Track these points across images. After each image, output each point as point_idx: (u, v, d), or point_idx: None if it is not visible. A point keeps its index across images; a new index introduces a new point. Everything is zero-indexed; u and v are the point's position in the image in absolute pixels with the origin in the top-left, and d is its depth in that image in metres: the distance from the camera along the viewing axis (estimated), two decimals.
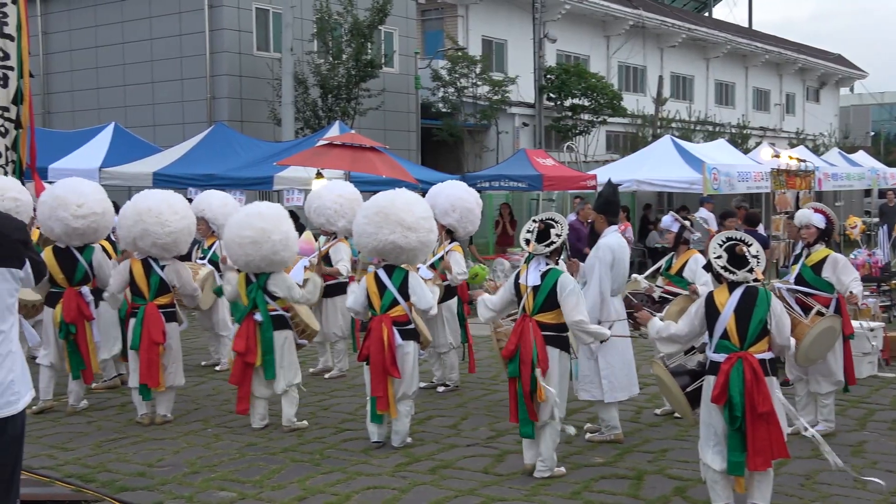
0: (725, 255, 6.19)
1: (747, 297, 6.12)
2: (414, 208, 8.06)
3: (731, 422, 6.00)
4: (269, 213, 8.67)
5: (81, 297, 9.23)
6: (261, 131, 23.23)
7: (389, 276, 7.97)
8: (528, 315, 7.11)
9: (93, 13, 26.61)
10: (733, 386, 5.98)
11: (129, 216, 8.87)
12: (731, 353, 6.07)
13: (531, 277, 7.15)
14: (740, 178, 19.92)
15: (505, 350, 7.16)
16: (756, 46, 46.51)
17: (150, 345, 8.74)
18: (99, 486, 7.02)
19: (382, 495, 6.73)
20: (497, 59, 33.41)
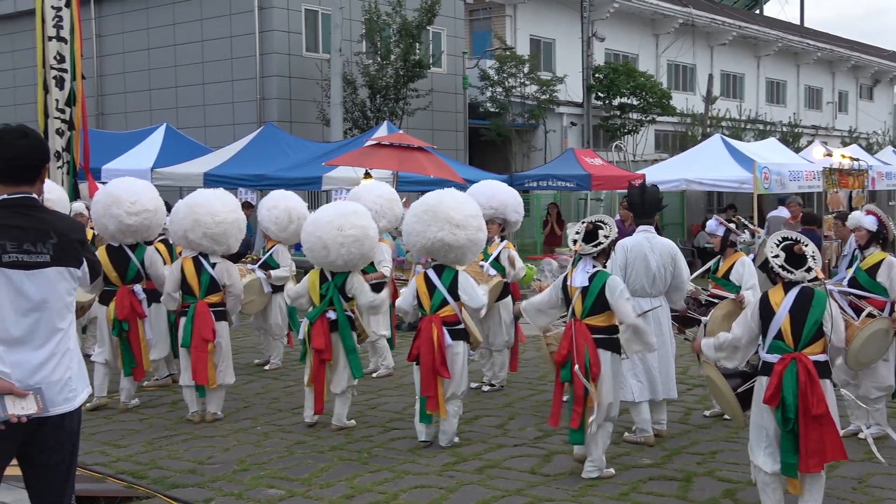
0: (783, 254, 6.12)
1: (803, 298, 6.04)
2: (462, 206, 8.07)
3: (784, 423, 5.92)
4: (363, 213, 8.79)
5: (134, 295, 9.38)
6: (310, 132, 23.39)
7: (439, 275, 7.98)
8: (577, 318, 7.07)
9: (145, 16, 26.97)
10: (786, 387, 5.91)
11: (181, 210, 9.05)
12: (785, 354, 5.99)
13: (579, 279, 7.11)
14: (791, 177, 19.65)
15: (557, 355, 7.11)
16: (808, 44, 45.92)
17: (201, 342, 8.85)
18: (150, 483, 7.12)
19: (429, 494, 6.75)
20: (545, 59, 33.33)
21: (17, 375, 4.14)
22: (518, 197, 10.50)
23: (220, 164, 18.07)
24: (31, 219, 4.28)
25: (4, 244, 4.16)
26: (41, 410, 4.16)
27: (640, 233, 8.13)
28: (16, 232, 4.21)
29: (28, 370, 4.18)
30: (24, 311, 4.18)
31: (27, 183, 4.33)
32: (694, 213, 25.03)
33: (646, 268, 7.96)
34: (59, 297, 4.31)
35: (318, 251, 8.48)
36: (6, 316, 4.15)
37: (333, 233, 8.40)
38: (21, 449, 4.26)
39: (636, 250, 7.99)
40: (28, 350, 4.19)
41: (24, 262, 4.19)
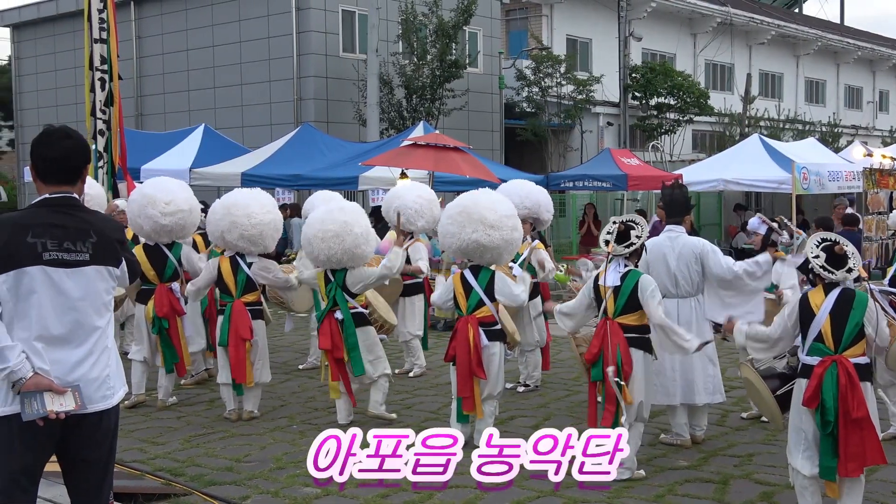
0: (823, 254, 6.03)
1: (844, 299, 5.95)
2: (497, 207, 8.06)
3: (823, 426, 5.85)
4: (349, 208, 8.90)
5: (172, 292, 9.47)
6: (346, 132, 23.48)
7: (476, 276, 7.97)
8: (609, 317, 7.06)
9: (184, 17, 27.21)
10: (826, 390, 5.83)
11: (218, 211, 9.11)
12: (826, 357, 5.89)
13: (611, 278, 7.09)
14: (831, 177, 19.43)
15: (588, 354, 7.10)
16: (848, 43, 45.44)
17: (238, 341, 8.92)
18: (188, 480, 7.17)
19: (464, 494, 6.75)
20: (581, 58, 33.24)
21: (56, 373, 4.20)
22: (549, 196, 10.47)
23: (258, 164, 18.19)
24: (72, 218, 4.35)
25: (45, 242, 4.23)
26: (79, 407, 4.22)
27: (665, 233, 8.06)
28: (57, 231, 4.27)
29: (67, 367, 4.24)
30: (63, 309, 4.24)
31: (69, 183, 4.40)
32: (731, 213, 24.83)
33: (666, 268, 7.87)
34: (97, 295, 4.37)
35: (306, 247, 8.76)
36: (46, 314, 4.21)
37: (315, 227, 8.59)
38: (60, 445, 4.32)
39: (655, 251, 7.92)
40: (67, 348, 4.25)
41: (64, 260, 4.25)
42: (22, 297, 4.18)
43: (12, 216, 4.35)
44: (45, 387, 4.14)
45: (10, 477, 4.21)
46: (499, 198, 8.26)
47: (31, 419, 4.11)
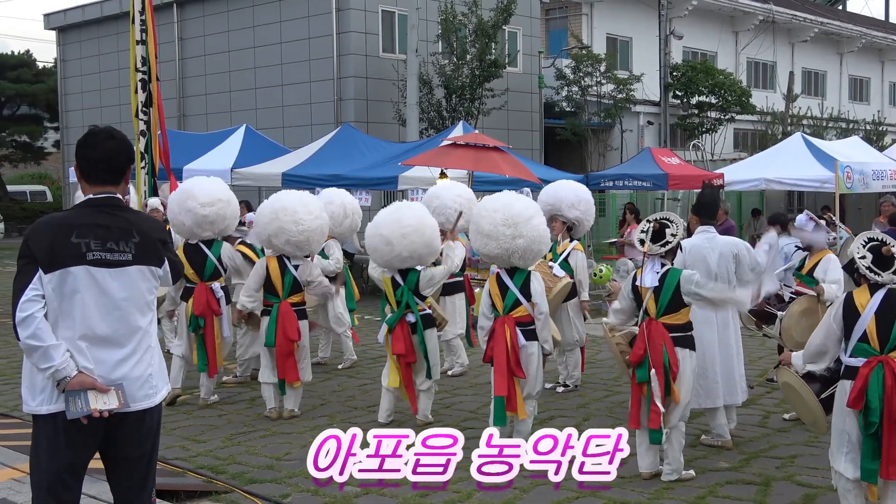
0: (870, 255, 5.93)
1: (891, 300, 5.86)
2: (506, 212, 7.91)
3: (867, 427, 5.78)
4: (415, 205, 8.94)
5: (212, 292, 9.55)
6: (386, 132, 23.55)
7: (511, 277, 7.93)
8: (652, 318, 7.04)
9: (226, 19, 27.44)
10: (872, 390, 5.75)
11: (266, 214, 9.16)
12: (871, 357, 5.82)
13: (648, 279, 7.08)
14: (875, 176, 19.19)
15: (633, 355, 7.06)
16: (893, 40, 44.88)
17: (287, 342, 8.99)
18: (229, 478, 7.23)
19: (503, 495, 6.75)
20: (622, 57, 33.08)
21: (100, 371, 4.26)
22: (579, 193, 10.23)
23: (298, 164, 18.28)
24: (115, 218, 4.40)
25: (89, 242, 4.28)
26: (122, 406, 4.27)
27: (701, 234, 8.07)
28: (100, 231, 4.33)
29: (110, 366, 4.29)
30: (107, 308, 4.30)
31: (112, 183, 4.46)
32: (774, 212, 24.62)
33: (707, 269, 7.81)
34: (140, 295, 4.42)
35: (383, 248, 8.57)
36: (90, 313, 4.26)
37: (393, 226, 8.52)
38: (103, 443, 4.38)
39: (695, 252, 7.90)
40: (110, 347, 4.31)
41: (107, 260, 4.31)
42: (66, 296, 4.24)
43: (57, 216, 4.42)
44: (89, 385, 4.19)
45: (55, 474, 4.28)
46: (502, 202, 8.08)
47: (75, 417, 4.17)
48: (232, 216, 9.80)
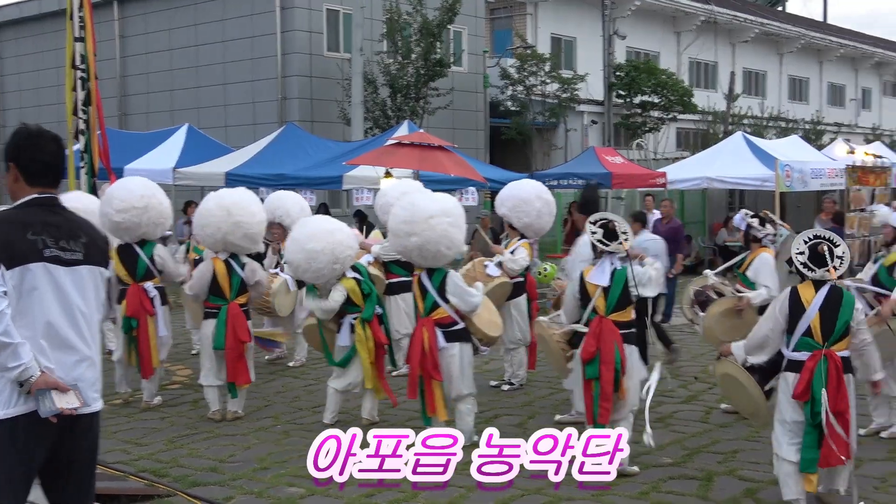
0: (807, 252, 6.21)
1: (833, 297, 6.14)
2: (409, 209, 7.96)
3: (813, 418, 6.02)
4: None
5: (144, 292, 9.42)
6: (331, 131, 23.43)
7: (430, 277, 7.89)
8: (602, 315, 7.15)
9: (167, 16, 27.11)
10: (816, 383, 6.01)
11: (217, 213, 8.99)
12: (815, 351, 6.08)
13: (601, 277, 7.19)
14: (814, 175, 19.51)
15: (584, 352, 7.13)
16: (831, 41, 45.63)
17: (237, 344, 8.91)
18: (171, 481, 7.15)
19: (449, 493, 6.75)
20: (566, 57, 33.26)
21: (59, 372, 4.20)
22: (514, 190, 10.17)
23: (242, 163, 18.13)
24: (63, 218, 4.38)
25: (45, 239, 4.23)
26: (82, 405, 4.23)
27: None
28: (52, 229, 4.28)
29: (67, 367, 4.24)
30: (64, 307, 4.24)
31: (54, 185, 4.44)
32: (715, 211, 24.91)
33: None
34: (91, 295, 4.38)
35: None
36: (48, 311, 4.19)
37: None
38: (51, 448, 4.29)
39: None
40: (67, 346, 4.25)
41: (62, 258, 4.26)
42: (24, 293, 4.15)
43: (7, 214, 4.33)
44: (53, 385, 4.13)
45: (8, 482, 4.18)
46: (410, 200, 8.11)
47: (47, 416, 4.10)
48: (149, 223, 9.50)
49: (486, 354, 8.96)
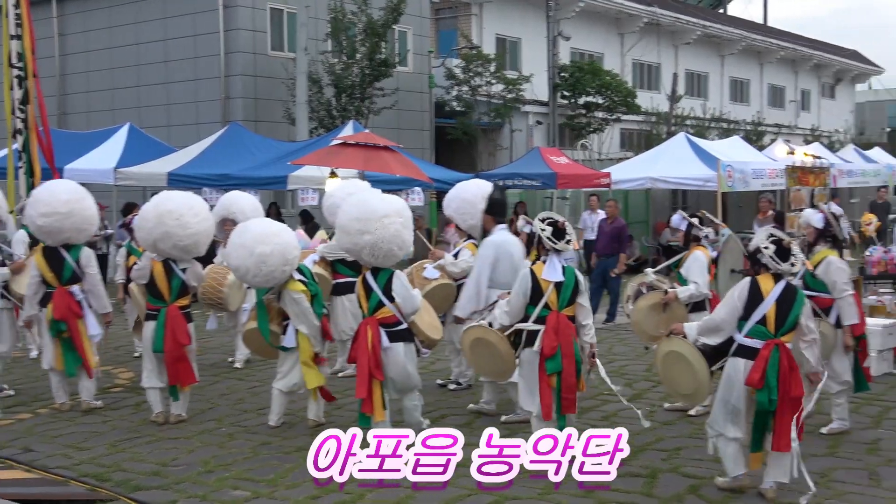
0: (773, 246, 6.60)
1: (789, 291, 6.60)
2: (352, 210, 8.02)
3: (769, 404, 6.39)
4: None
5: (71, 295, 9.27)
6: (275, 131, 23.27)
7: (375, 277, 7.91)
8: (556, 311, 7.30)
9: (108, 14, 26.72)
10: (771, 370, 6.39)
11: (150, 218, 8.89)
12: (768, 340, 6.47)
13: (554, 274, 7.33)
14: (755, 175, 19.83)
15: (548, 347, 7.23)
16: (771, 43, 46.32)
17: (177, 346, 8.81)
18: (114, 486, 7.06)
19: (395, 494, 6.72)
20: (511, 58, 33.37)
21: None
22: (459, 192, 10.09)
23: (185, 163, 17.95)
24: None
25: None
26: None
27: (503, 232, 8.84)
28: None
29: None
30: None
31: None
32: (659, 211, 25.16)
33: (511, 263, 8.53)
34: None
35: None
36: None
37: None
38: None
39: (505, 247, 8.64)
40: None
41: None
42: None
43: None
44: None
45: None
46: (362, 199, 8.13)
47: None
48: (72, 228, 9.31)
49: (427, 356, 8.95)
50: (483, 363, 7.88)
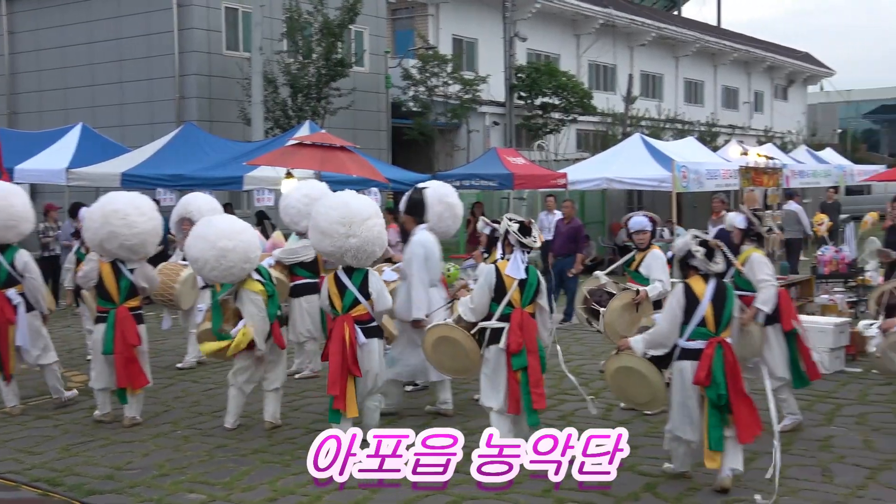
0: (703, 248, 6.80)
1: (720, 289, 6.81)
2: (331, 214, 7.99)
3: (718, 400, 6.57)
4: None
5: (7, 300, 9.14)
6: (230, 131, 23.11)
7: (349, 276, 7.98)
8: (519, 307, 7.39)
9: (59, 12, 26.39)
10: (716, 367, 6.59)
11: (96, 219, 8.79)
12: (710, 339, 6.72)
13: (518, 271, 7.41)
14: (709, 175, 20.01)
15: (514, 344, 7.31)
16: (725, 45, 46.86)
17: (127, 348, 8.72)
18: (66, 490, 6.98)
19: (353, 495, 6.70)
20: (468, 58, 33.45)
21: None
22: (420, 194, 10.25)
23: (139, 164, 17.76)
24: None
25: None
26: None
27: (422, 231, 9.03)
28: None
29: None
30: None
31: None
32: (615, 211, 25.31)
33: (436, 261, 8.91)
34: None
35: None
36: None
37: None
38: None
39: (430, 246, 8.92)
40: None
41: None
42: None
43: None
44: None
45: None
46: (341, 201, 8.15)
47: None
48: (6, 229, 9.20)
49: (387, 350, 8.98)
50: (446, 361, 7.94)
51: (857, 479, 7.02)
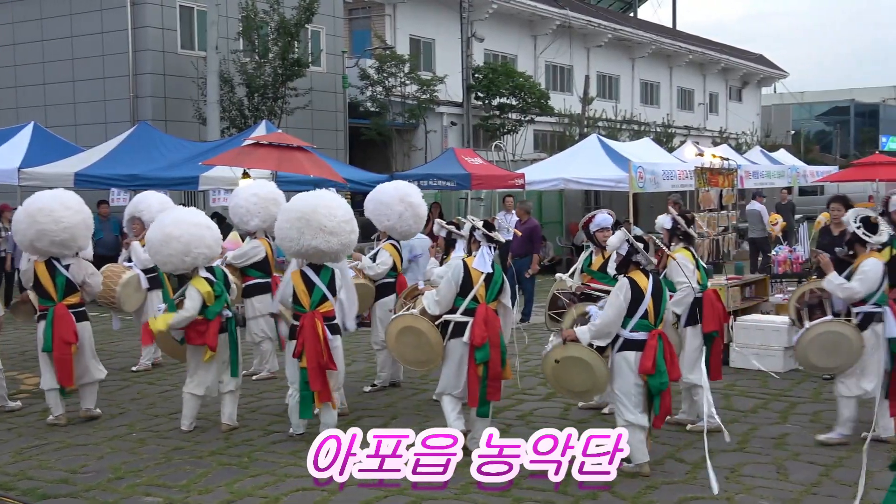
0: (641, 244, 7.19)
1: (657, 284, 7.26)
2: (335, 212, 8.05)
3: (660, 387, 7.01)
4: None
5: None
6: (186, 131, 22.91)
7: (317, 273, 8.04)
8: (484, 303, 7.57)
9: (10, 9, 25.99)
10: (660, 358, 6.98)
11: (23, 220, 8.80)
12: (652, 331, 7.10)
13: (484, 265, 7.61)
14: (665, 176, 20.16)
15: (478, 338, 7.43)
16: (680, 46, 47.25)
17: (62, 345, 8.68)
18: (20, 495, 6.88)
19: (312, 497, 6.68)
20: (425, 59, 33.42)
21: None
22: (377, 194, 10.13)
23: (92, 163, 17.53)
24: None
25: None
26: None
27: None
28: None
29: None
30: None
31: None
32: (572, 211, 25.43)
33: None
34: None
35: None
36: None
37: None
38: None
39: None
40: None
41: None
42: None
43: None
44: None
45: None
46: (335, 202, 8.20)
47: None
48: None
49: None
50: (408, 352, 8.02)
51: (811, 476, 7.11)
